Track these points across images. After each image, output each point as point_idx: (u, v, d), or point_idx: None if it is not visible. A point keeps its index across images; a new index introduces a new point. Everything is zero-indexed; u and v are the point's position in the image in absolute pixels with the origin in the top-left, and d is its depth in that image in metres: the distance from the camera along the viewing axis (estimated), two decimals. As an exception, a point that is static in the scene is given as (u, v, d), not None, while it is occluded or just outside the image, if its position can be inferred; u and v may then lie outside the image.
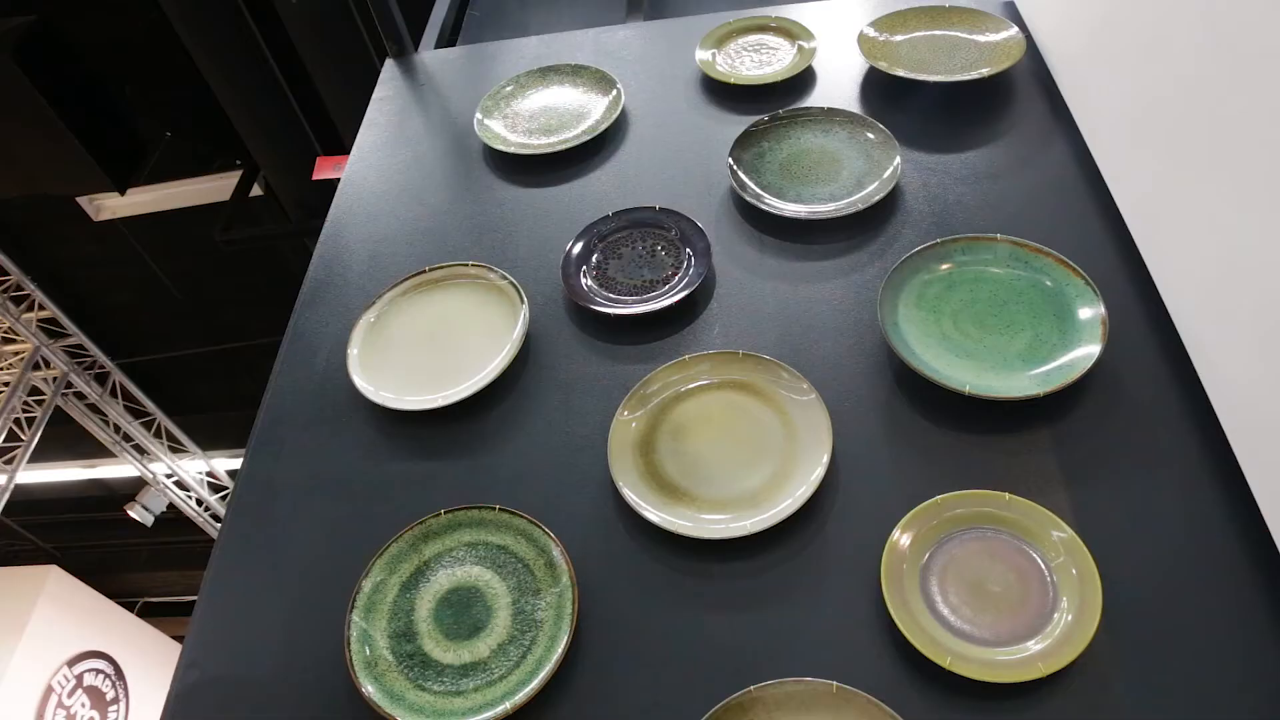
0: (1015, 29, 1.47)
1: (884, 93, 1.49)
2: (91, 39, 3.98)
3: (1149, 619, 0.86)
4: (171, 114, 4.41)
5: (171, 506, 6.62)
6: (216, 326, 5.62)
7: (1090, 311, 1.07)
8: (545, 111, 1.59)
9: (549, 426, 1.14)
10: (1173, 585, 0.88)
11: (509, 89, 1.64)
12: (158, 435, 6.23)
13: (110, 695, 5.38)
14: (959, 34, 1.52)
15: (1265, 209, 0.86)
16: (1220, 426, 0.95)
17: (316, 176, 3.76)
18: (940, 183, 1.31)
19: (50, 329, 5.37)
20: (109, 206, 4.75)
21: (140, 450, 6.18)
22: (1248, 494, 0.90)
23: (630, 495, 1.01)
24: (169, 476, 6.47)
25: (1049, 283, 1.12)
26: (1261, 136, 0.86)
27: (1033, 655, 0.83)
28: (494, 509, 1.03)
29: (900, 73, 1.44)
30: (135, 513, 6.44)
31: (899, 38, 1.54)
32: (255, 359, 5.51)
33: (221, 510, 6.76)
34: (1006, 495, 0.94)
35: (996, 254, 1.16)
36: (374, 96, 1.75)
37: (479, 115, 1.58)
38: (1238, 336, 0.91)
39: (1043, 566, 0.90)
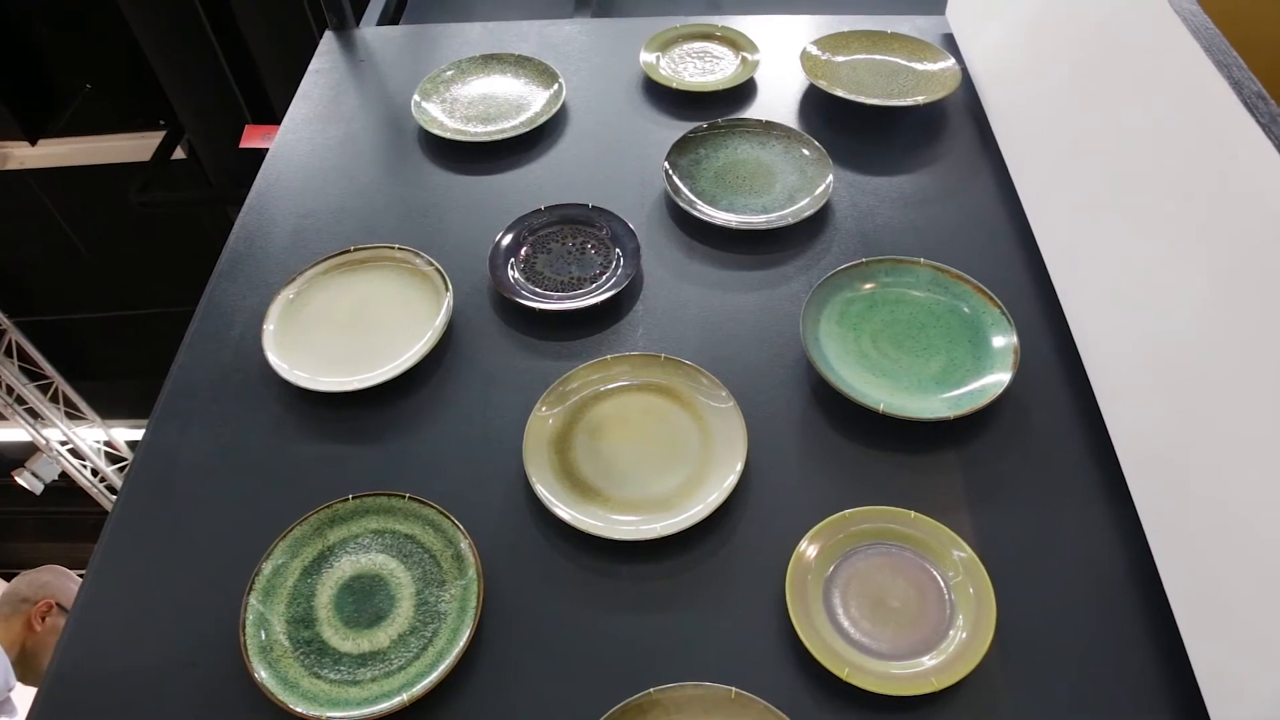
0: (952, 61, 1.51)
1: (822, 111, 1.51)
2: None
3: (1039, 639, 0.89)
4: (93, 64, 4.23)
5: (64, 475, 6.33)
6: (125, 291, 5.40)
7: (1003, 340, 1.10)
8: (485, 99, 1.58)
9: (465, 417, 1.12)
10: (1063, 607, 0.91)
11: (450, 73, 1.62)
12: (54, 400, 5.96)
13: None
14: (898, 60, 1.56)
15: (1166, 255, 0.89)
16: (1117, 458, 0.99)
17: (244, 145, 3.66)
18: (870, 204, 1.34)
19: (-57, 281, 5.11)
20: (17, 156, 4.53)
21: (34, 414, 5.91)
22: (1138, 524, 0.94)
23: (543, 491, 1.01)
24: (63, 444, 6.20)
25: (967, 309, 1.15)
26: (1168, 187, 0.90)
27: (927, 670, 0.86)
28: (403, 497, 1.01)
29: (839, 92, 1.47)
30: (24, 479, 6.14)
31: (840, 58, 1.57)
32: (164, 328, 5.28)
33: (118, 482, 6.51)
34: (911, 513, 0.96)
35: (918, 278, 1.19)
36: (310, 68, 1.71)
37: (417, 97, 1.56)
38: (1136, 373, 0.95)
39: (942, 584, 0.92)
